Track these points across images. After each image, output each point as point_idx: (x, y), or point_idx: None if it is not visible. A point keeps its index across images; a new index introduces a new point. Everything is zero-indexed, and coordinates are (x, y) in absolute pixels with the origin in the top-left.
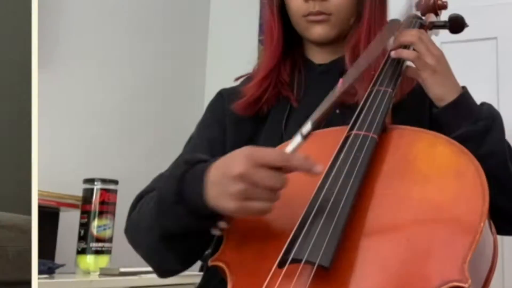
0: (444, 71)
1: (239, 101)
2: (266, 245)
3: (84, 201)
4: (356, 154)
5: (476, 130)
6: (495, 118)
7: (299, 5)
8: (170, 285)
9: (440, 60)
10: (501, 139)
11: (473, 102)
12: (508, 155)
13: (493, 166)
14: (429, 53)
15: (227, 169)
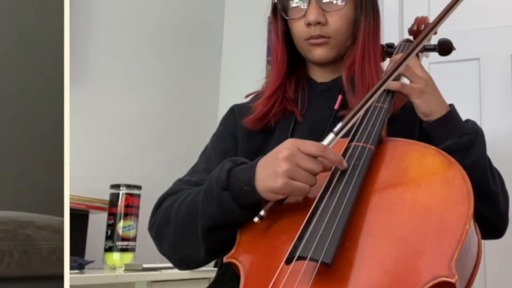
0: (431, 92)
1: (249, 115)
2: (274, 244)
3: (111, 204)
4: (356, 163)
5: (461, 143)
6: (478, 134)
7: (302, 30)
8: (187, 279)
9: (428, 82)
10: (482, 152)
11: (459, 119)
12: (489, 167)
13: (475, 176)
14: (416, 77)
15: (276, 154)
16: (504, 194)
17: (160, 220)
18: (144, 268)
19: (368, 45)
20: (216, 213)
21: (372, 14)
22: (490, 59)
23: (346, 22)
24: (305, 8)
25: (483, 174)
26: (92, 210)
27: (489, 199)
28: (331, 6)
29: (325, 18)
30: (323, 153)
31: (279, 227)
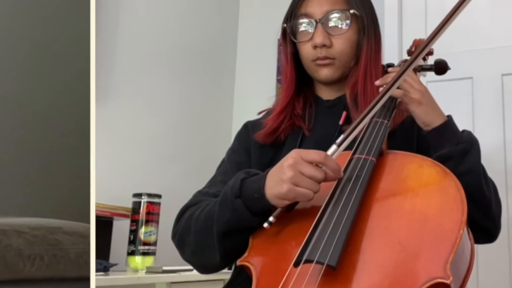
0: (428, 103)
1: (261, 131)
2: (284, 249)
3: (133, 212)
4: (358, 173)
5: (457, 150)
6: (474, 143)
7: (309, 52)
8: (204, 281)
9: (424, 94)
10: (477, 160)
11: (456, 129)
12: (483, 174)
13: (469, 182)
14: (413, 89)
15: (282, 163)
16: (497, 201)
17: (181, 229)
18: (164, 270)
19: (370, 66)
20: (230, 219)
21: (374, 37)
22: (482, 78)
23: (350, 44)
24: (312, 32)
25: (477, 180)
26: (116, 217)
27: (483, 204)
28: (336, 30)
29: (330, 41)
30: (324, 160)
31: (288, 233)
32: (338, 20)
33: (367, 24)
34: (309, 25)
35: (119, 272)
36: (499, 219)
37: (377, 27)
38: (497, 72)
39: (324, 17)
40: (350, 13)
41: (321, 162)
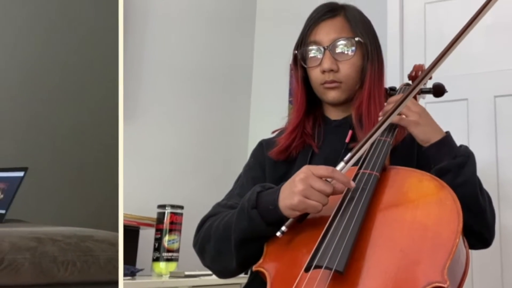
0: (425, 122)
1: (274, 148)
2: (295, 256)
3: (158, 221)
4: (363, 187)
5: (454, 163)
6: (470, 157)
7: (318, 76)
8: (222, 285)
9: (421, 115)
10: (473, 172)
11: (454, 143)
12: (478, 186)
13: (466, 192)
14: (411, 112)
15: (294, 177)
16: (491, 210)
17: (202, 237)
18: (186, 275)
19: (373, 89)
20: (246, 228)
21: (377, 62)
22: (477, 100)
23: (355, 69)
24: (321, 58)
25: (473, 191)
26: (142, 227)
27: (478, 213)
28: (342, 56)
29: (337, 66)
30: (332, 174)
31: (299, 242)
32: (344, 47)
33: (371, 51)
34: (318, 51)
35: (145, 276)
36: (493, 226)
37: (380, 53)
38: (490, 94)
39: (332, 44)
40: (355, 40)
41: (330, 176)
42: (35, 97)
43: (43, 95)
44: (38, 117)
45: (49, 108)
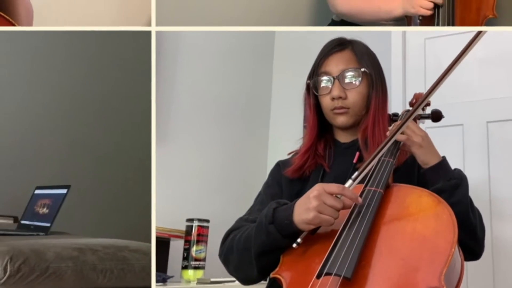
0: (427, 146)
1: (290, 168)
2: (308, 264)
3: (186, 233)
4: (369, 202)
5: (449, 185)
6: (463, 179)
7: (328, 103)
8: None
9: (424, 138)
10: (465, 193)
11: (449, 167)
12: (470, 205)
13: (458, 211)
14: (415, 134)
15: (308, 194)
16: (481, 227)
17: (226, 249)
18: (211, 281)
19: (378, 114)
20: (265, 241)
21: (381, 90)
22: (471, 125)
23: (361, 97)
24: (331, 87)
25: (465, 210)
26: (172, 238)
27: (469, 229)
28: (350, 85)
29: (345, 94)
30: (342, 192)
31: (312, 251)
32: (352, 77)
33: (375, 80)
34: (328, 81)
35: (174, 283)
36: (483, 241)
37: (384, 82)
38: (483, 119)
39: (340, 74)
40: (361, 71)
41: (340, 193)
42: (77, 122)
43: (85, 121)
44: (80, 140)
45: (90, 132)
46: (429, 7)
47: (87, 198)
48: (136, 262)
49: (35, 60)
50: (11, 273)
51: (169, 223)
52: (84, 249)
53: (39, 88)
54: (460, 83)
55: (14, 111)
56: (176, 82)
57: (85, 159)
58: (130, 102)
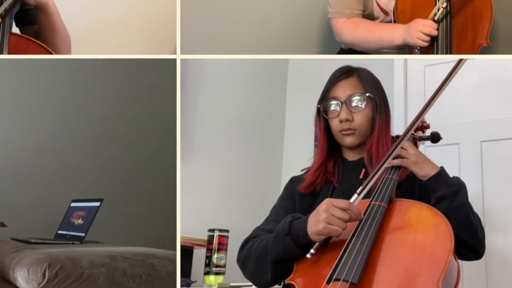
0: (422, 161)
1: (302, 184)
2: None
3: (208, 242)
4: (374, 215)
5: (450, 191)
6: (462, 185)
7: (336, 125)
8: None
9: (418, 155)
10: (465, 197)
11: (447, 175)
12: (470, 209)
13: (461, 214)
14: (409, 154)
15: (319, 208)
16: (481, 228)
17: (244, 256)
18: (231, 286)
19: (381, 135)
20: (281, 251)
21: (384, 113)
22: (466, 144)
23: (367, 119)
24: (339, 110)
25: (467, 213)
26: (195, 246)
27: (471, 230)
28: (356, 108)
29: (352, 116)
30: (348, 207)
31: (322, 260)
32: (358, 101)
33: (379, 104)
34: (337, 105)
35: (197, 287)
36: (484, 241)
37: (387, 106)
38: (477, 139)
39: (347, 99)
40: (366, 96)
41: (347, 208)
42: (109, 142)
43: (116, 140)
44: (112, 158)
45: (121, 151)
46: (426, 39)
47: (118, 210)
48: (163, 268)
49: (72, 85)
50: (49, 278)
51: (193, 233)
52: (115, 257)
53: (74, 111)
54: (456, 106)
55: (52, 132)
56: (199, 105)
57: (116, 175)
58: (157, 124)
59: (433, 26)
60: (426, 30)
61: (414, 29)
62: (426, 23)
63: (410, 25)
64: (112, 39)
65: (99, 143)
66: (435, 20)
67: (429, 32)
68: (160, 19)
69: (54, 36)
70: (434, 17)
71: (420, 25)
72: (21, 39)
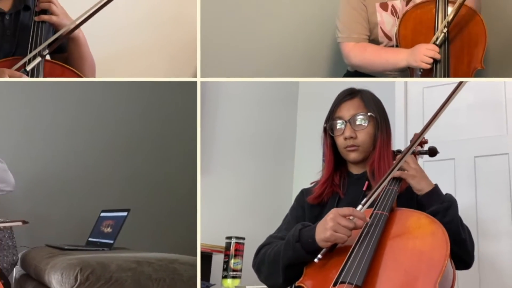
0: (420, 176)
1: (311, 195)
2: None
3: (226, 249)
4: (376, 223)
5: (442, 207)
6: (453, 202)
7: (342, 142)
8: None
9: (418, 170)
10: (456, 213)
11: (440, 192)
12: (460, 223)
13: (451, 228)
14: (410, 167)
15: (326, 217)
16: (471, 240)
17: (258, 261)
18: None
19: (383, 150)
20: (291, 256)
21: (386, 131)
22: (461, 159)
23: (369, 136)
24: (344, 129)
25: (456, 227)
26: (214, 253)
27: (461, 243)
28: (360, 126)
29: (356, 134)
30: (353, 213)
31: (329, 264)
32: (361, 120)
33: (380, 122)
34: (342, 124)
35: None
36: (473, 253)
37: (388, 124)
38: (471, 154)
39: (351, 118)
40: (368, 115)
41: (351, 214)
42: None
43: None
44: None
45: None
46: (429, 62)
47: (144, 220)
48: (185, 272)
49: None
50: (81, 281)
51: (212, 240)
52: (141, 262)
53: (104, 129)
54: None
55: (84, 149)
56: (217, 123)
57: (142, 188)
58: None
59: (436, 50)
60: (430, 53)
61: (418, 53)
62: (429, 47)
63: (415, 49)
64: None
65: (126, 159)
66: (437, 44)
67: (432, 55)
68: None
69: (82, 63)
70: (436, 41)
71: (424, 49)
72: (56, 66)
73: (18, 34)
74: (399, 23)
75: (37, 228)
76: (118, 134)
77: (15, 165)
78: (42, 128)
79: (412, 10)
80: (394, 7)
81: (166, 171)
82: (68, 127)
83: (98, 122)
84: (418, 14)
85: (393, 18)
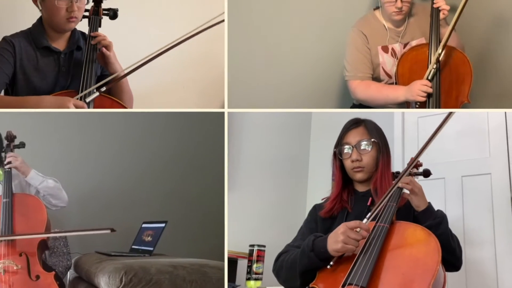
0: (420, 195)
1: (323, 210)
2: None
3: (249, 255)
4: (378, 235)
5: (435, 222)
6: (444, 217)
7: (349, 164)
8: None
9: (420, 189)
10: (447, 227)
11: (433, 209)
12: (450, 234)
13: (442, 239)
14: (415, 186)
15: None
16: (459, 248)
17: (278, 267)
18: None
19: (384, 171)
20: (306, 263)
21: (386, 154)
22: (450, 178)
23: (372, 159)
24: (350, 153)
25: (447, 237)
26: (239, 258)
27: (450, 251)
28: (364, 151)
29: (361, 157)
30: (359, 225)
31: (339, 269)
32: (365, 145)
33: (382, 147)
34: (349, 148)
35: None
36: (461, 258)
37: (388, 149)
38: (459, 174)
39: (357, 144)
40: (372, 141)
41: (358, 226)
42: (172, 176)
43: (178, 175)
44: (175, 189)
45: (181, 183)
46: (424, 95)
47: (179, 230)
48: (214, 275)
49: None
50: (125, 283)
51: (237, 247)
52: (177, 266)
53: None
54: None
55: (128, 170)
56: (242, 148)
57: (178, 203)
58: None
59: (429, 85)
60: (424, 88)
61: (415, 88)
62: (423, 82)
63: (411, 86)
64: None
65: (164, 178)
66: (429, 79)
67: (426, 90)
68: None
69: (123, 95)
70: (429, 75)
71: (419, 85)
72: (105, 99)
73: (72, 70)
74: (398, 63)
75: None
76: (158, 157)
77: (69, 183)
78: (92, 152)
79: (408, 52)
80: (394, 50)
81: (198, 189)
82: (114, 151)
83: (140, 147)
84: (414, 56)
85: (393, 59)
